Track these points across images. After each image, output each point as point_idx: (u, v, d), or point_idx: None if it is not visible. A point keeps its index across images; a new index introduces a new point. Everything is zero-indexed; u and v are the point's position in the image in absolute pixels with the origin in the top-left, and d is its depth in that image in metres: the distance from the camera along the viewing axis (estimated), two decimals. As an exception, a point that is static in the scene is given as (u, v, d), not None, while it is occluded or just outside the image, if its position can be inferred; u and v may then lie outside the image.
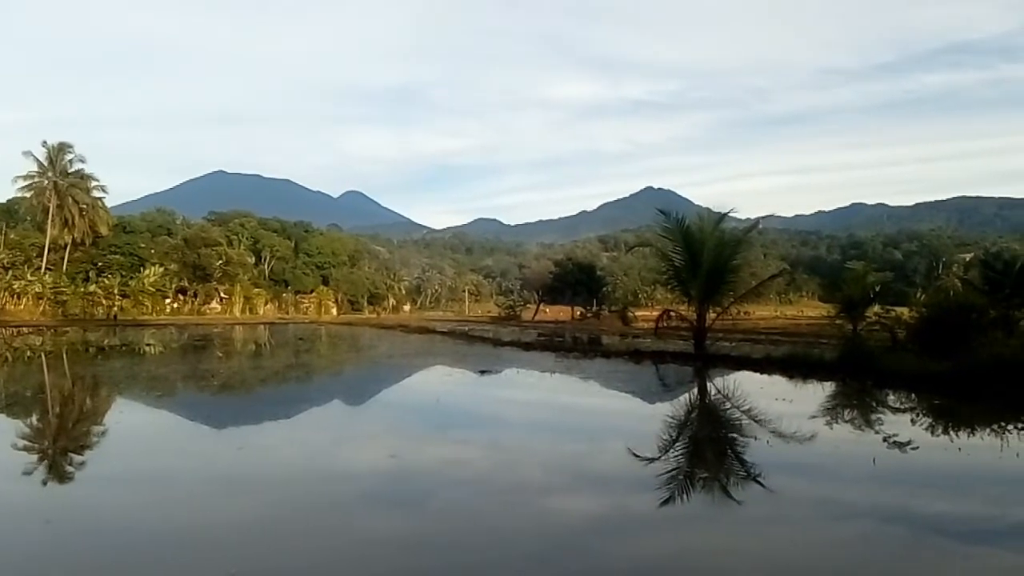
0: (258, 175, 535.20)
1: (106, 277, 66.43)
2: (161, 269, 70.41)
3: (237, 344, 31.60)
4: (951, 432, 9.74)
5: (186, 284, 74.49)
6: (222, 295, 77.08)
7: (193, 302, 74.47)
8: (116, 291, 64.51)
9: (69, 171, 64.82)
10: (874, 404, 12.47)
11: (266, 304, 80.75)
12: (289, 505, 6.22)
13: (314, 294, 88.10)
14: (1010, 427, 9.64)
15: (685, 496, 6.60)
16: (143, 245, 74.53)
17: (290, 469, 7.68)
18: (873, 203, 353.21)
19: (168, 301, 71.97)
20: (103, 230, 67.86)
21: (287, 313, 79.58)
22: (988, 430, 9.80)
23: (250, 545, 5.23)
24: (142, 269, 69.60)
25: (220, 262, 75.65)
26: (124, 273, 68.48)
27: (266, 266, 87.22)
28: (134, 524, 5.77)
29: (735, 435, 9.81)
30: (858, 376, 14.48)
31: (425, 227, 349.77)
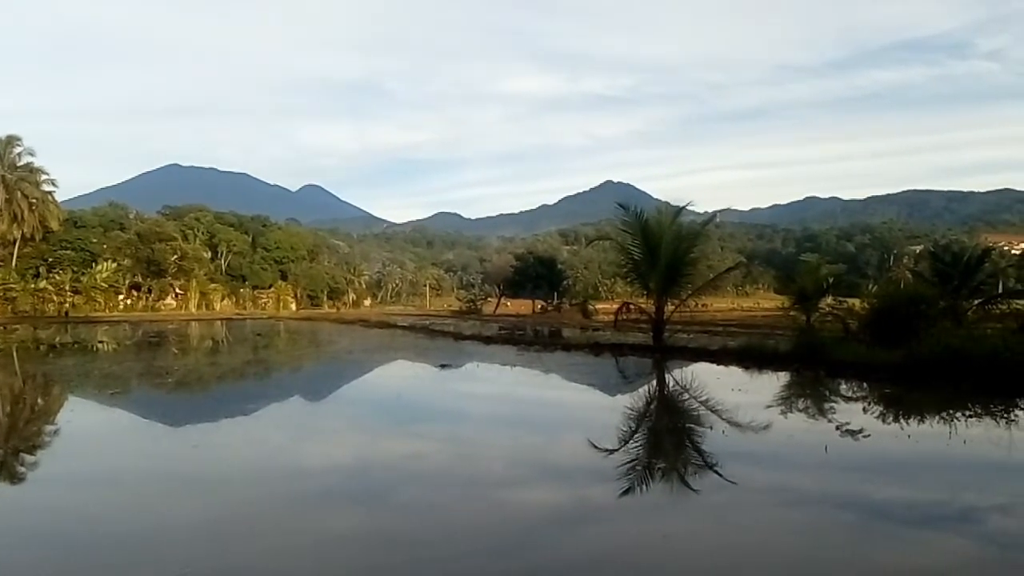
0: (214, 168, 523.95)
1: (57, 273, 64.77)
2: (114, 265, 68.83)
3: (193, 340, 31.06)
4: (901, 420, 10.01)
5: (140, 280, 72.86)
6: (177, 291, 75.60)
7: (147, 298, 72.90)
8: (68, 287, 62.99)
9: (18, 164, 62.89)
10: (827, 393, 12.75)
11: (223, 300, 79.45)
12: (247, 503, 6.17)
13: (272, 289, 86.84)
14: (958, 415, 9.94)
15: (644, 486, 6.69)
16: (95, 240, 72.71)
17: (248, 467, 7.61)
18: (827, 197, 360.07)
19: (121, 297, 70.43)
20: (54, 225, 66.03)
21: (244, 309, 78.34)
22: (937, 418, 10.10)
23: (205, 544, 5.16)
24: (94, 265, 68.00)
25: (175, 257, 74.11)
26: (76, 269, 66.83)
27: (223, 261, 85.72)
28: (85, 525, 5.67)
29: (693, 425, 9.96)
30: (811, 366, 14.79)
31: (385, 221, 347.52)
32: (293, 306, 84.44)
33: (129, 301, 71.11)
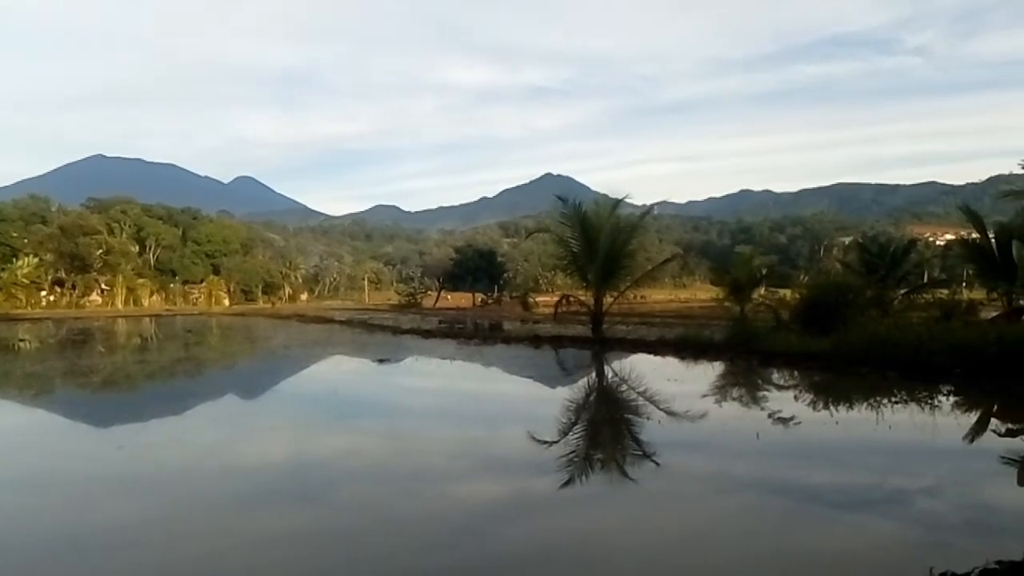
0: (140, 159, 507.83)
1: (-26, 269, 61.95)
2: (36, 260, 66.10)
3: (120, 338, 30.03)
4: (830, 407, 10.30)
5: (63, 275, 70.22)
6: (103, 286, 73.02)
7: (71, 294, 70.26)
8: (-15, 283, 60.24)
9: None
10: (759, 382, 13.04)
11: (151, 295, 76.98)
12: (175, 505, 5.93)
13: (204, 284, 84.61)
14: (884, 401, 10.27)
15: (584, 477, 6.71)
16: (15, 234, 69.88)
17: (177, 467, 7.34)
18: (760, 189, 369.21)
19: (44, 293, 67.70)
20: (-31, 218, 63.11)
21: (174, 304, 76.11)
22: (864, 405, 10.42)
23: (130, 549, 4.95)
24: (14, 260, 65.25)
25: (100, 251, 71.57)
26: (-6, 264, 64.00)
27: (151, 255, 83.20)
28: (2, 531, 5.39)
29: (631, 416, 10.06)
30: (745, 355, 15.11)
31: (322, 214, 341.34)
32: (226, 301, 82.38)
33: (52, 297, 68.43)
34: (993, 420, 9.57)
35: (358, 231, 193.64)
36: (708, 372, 13.97)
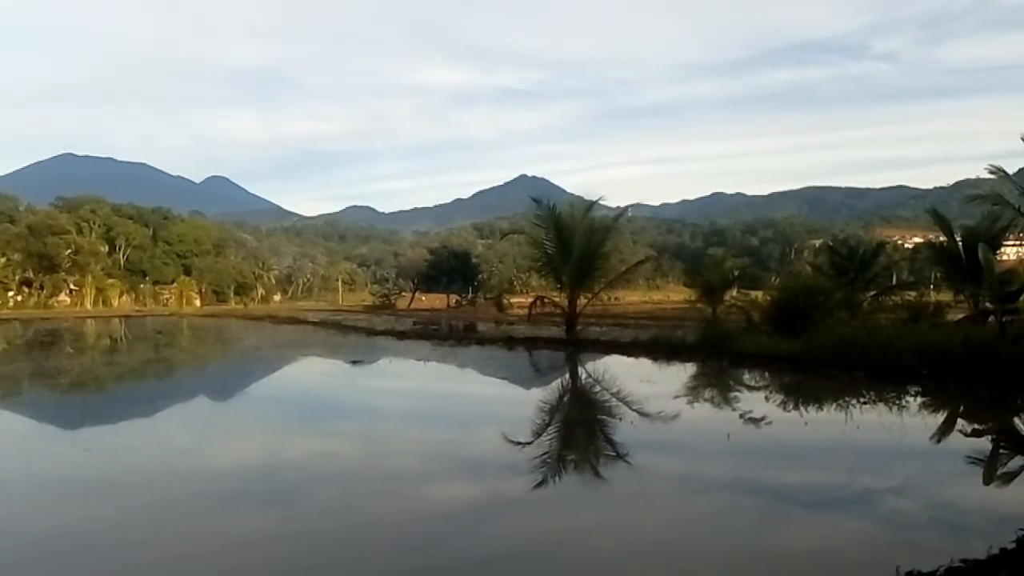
0: (111, 158, 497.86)
1: (-60, 268, 60.62)
2: (3, 259, 64.87)
3: (89, 339, 29.56)
4: (801, 408, 10.43)
5: (31, 275, 68.96)
6: (72, 287, 71.85)
7: (39, 294, 69.00)
8: (-49, 284, 58.97)
9: None
10: (731, 383, 13.16)
11: (121, 296, 75.86)
12: (145, 508, 5.84)
13: (175, 285, 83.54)
14: (853, 402, 10.41)
15: (557, 478, 6.73)
16: (-18, 233, 68.39)
17: (145, 470, 7.23)
18: (732, 192, 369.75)
19: (11, 294, 66.48)
20: (-66, 217, 61.71)
21: (144, 305, 75.04)
22: (833, 405, 10.56)
23: (95, 553, 4.87)
24: (-19, 260, 63.94)
25: (69, 251, 70.36)
26: (-39, 264, 62.69)
27: (121, 255, 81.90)
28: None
29: (604, 417, 10.11)
30: (716, 356, 15.22)
31: (295, 214, 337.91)
32: (197, 302, 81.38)
33: (20, 298, 67.18)
34: (959, 420, 9.72)
35: (332, 232, 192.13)
36: (680, 373, 14.06)
